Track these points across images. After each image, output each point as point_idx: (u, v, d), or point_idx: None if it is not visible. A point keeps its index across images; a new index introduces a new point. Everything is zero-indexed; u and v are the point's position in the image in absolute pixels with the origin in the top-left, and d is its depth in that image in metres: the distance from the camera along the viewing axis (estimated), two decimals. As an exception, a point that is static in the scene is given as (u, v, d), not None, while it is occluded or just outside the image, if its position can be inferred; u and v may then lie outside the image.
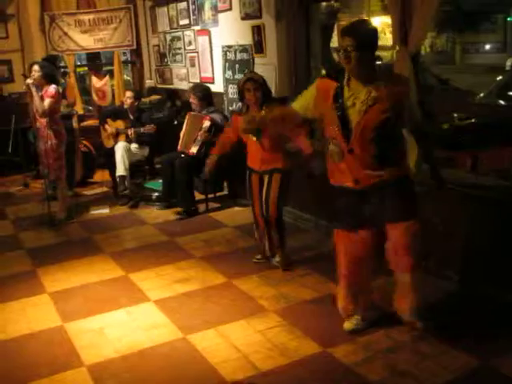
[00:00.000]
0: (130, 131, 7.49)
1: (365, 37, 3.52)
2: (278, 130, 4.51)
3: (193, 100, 7.18)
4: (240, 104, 5.32)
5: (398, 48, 4.79)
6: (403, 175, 3.75)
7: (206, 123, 6.88)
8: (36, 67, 6.52)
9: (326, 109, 3.70)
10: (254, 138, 4.94)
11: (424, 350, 3.77)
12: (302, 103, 3.87)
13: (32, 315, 4.62)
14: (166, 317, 4.46)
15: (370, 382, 3.52)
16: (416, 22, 4.55)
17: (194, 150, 6.91)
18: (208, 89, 7.35)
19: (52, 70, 6.77)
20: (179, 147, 7.12)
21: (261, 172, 5.07)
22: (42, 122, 6.62)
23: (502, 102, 8.61)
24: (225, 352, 3.91)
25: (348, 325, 4.07)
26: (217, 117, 7.00)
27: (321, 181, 5.82)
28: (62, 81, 9.19)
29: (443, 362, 3.63)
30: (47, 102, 6.49)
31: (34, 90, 6.41)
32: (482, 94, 8.93)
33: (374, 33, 3.60)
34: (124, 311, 4.61)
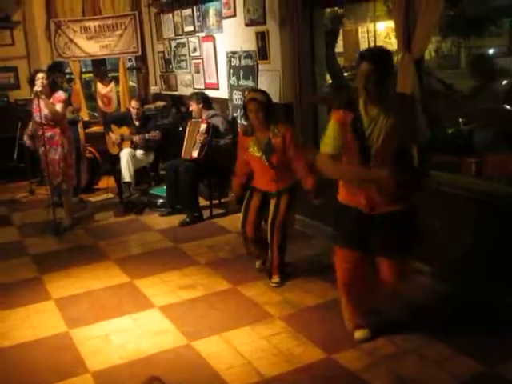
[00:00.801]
0: (136, 138, 7.51)
1: (383, 61, 3.49)
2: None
3: (192, 107, 7.25)
4: (243, 119, 5.23)
5: (401, 53, 4.80)
6: (411, 205, 3.70)
7: (203, 126, 6.95)
8: (43, 75, 6.53)
9: (346, 140, 3.63)
10: (264, 158, 4.85)
11: (428, 356, 3.77)
12: (334, 145, 3.68)
13: (37, 322, 4.64)
14: (170, 323, 4.47)
15: (375, 388, 3.52)
16: (419, 28, 4.56)
17: (194, 153, 6.94)
18: (203, 93, 7.46)
19: (56, 77, 6.78)
20: (182, 155, 7.14)
21: (272, 193, 4.94)
22: (54, 130, 6.61)
23: (507, 107, 8.58)
24: (229, 358, 3.92)
25: (359, 334, 4.03)
26: (217, 120, 7.05)
27: (331, 191, 5.87)
28: (68, 87, 9.22)
29: (448, 367, 3.62)
30: (59, 106, 6.52)
31: (43, 97, 6.42)
32: (486, 99, 8.90)
33: (391, 56, 3.57)
34: (129, 317, 4.62)
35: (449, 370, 3.59)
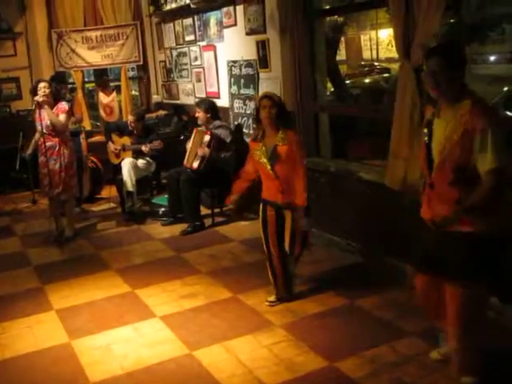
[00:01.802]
0: (145, 146, 7.45)
1: (454, 54, 3.20)
2: None
3: (198, 114, 7.18)
4: (253, 124, 5.04)
5: (401, 62, 4.80)
6: (485, 233, 3.17)
7: (206, 138, 6.91)
8: (45, 84, 6.53)
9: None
10: (268, 166, 4.58)
11: (430, 363, 3.75)
12: None
13: (39, 332, 4.64)
14: (172, 332, 4.46)
15: (376, 396, 3.51)
16: (418, 36, 4.56)
17: (195, 164, 6.93)
18: (213, 102, 7.35)
19: (60, 87, 6.78)
20: (185, 162, 7.14)
21: (280, 205, 4.67)
22: (55, 140, 6.59)
23: (508, 113, 8.58)
24: (230, 367, 3.91)
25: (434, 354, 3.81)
26: (223, 132, 7.00)
27: (332, 198, 5.88)
28: (70, 97, 9.25)
29: (450, 374, 3.58)
30: (62, 116, 6.52)
31: (46, 107, 6.43)
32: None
33: (462, 50, 3.32)
34: (130, 327, 4.62)
35: (449, 377, 3.56)
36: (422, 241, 3.51)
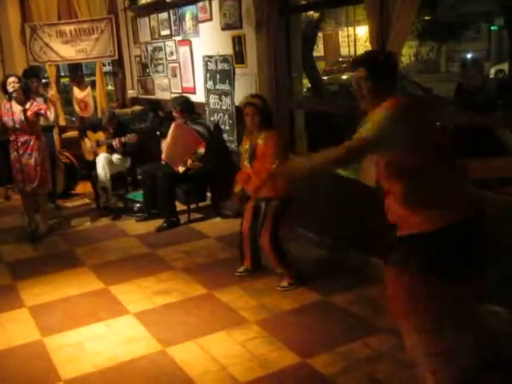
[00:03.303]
0: (115, 141, 7.43)
1: (377, 66, 3.12)
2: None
3: (175, 114, 7.13)
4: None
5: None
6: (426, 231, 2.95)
7: (201, 150, 6.83)
8: (14, 79, 6.44)
9: None
10: (247, 162, 4.89)
11: (403, 359, 3.73)
12: None
13: (11, 330, 4.59)
14: (145, 329, 4.43)
15: (349, 392, 3.52)
16: (393, 32, 4.57)
17: (181, 169, 6.87)
18: (186, 100, 7.28)
19: (31, 82, 6.69)
20: (164, 157, 7.08)
21: (256, 199, 4.98)
22: (30, 135, 6.52)
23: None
24: (204, 364, 3.90)
25: None
26: (200, 127, 6.99)
27: (307, 194, 5.88)
28: (44, 92, 9.12)
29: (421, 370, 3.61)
30: (49, 112, 6.52)
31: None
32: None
33: (388, 60, 3.20)
34: (104, 324, 4.58)
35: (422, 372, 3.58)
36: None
